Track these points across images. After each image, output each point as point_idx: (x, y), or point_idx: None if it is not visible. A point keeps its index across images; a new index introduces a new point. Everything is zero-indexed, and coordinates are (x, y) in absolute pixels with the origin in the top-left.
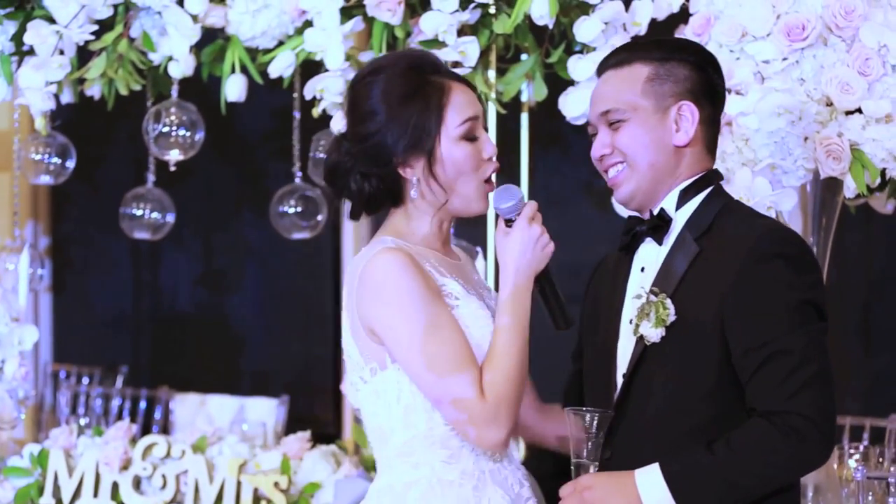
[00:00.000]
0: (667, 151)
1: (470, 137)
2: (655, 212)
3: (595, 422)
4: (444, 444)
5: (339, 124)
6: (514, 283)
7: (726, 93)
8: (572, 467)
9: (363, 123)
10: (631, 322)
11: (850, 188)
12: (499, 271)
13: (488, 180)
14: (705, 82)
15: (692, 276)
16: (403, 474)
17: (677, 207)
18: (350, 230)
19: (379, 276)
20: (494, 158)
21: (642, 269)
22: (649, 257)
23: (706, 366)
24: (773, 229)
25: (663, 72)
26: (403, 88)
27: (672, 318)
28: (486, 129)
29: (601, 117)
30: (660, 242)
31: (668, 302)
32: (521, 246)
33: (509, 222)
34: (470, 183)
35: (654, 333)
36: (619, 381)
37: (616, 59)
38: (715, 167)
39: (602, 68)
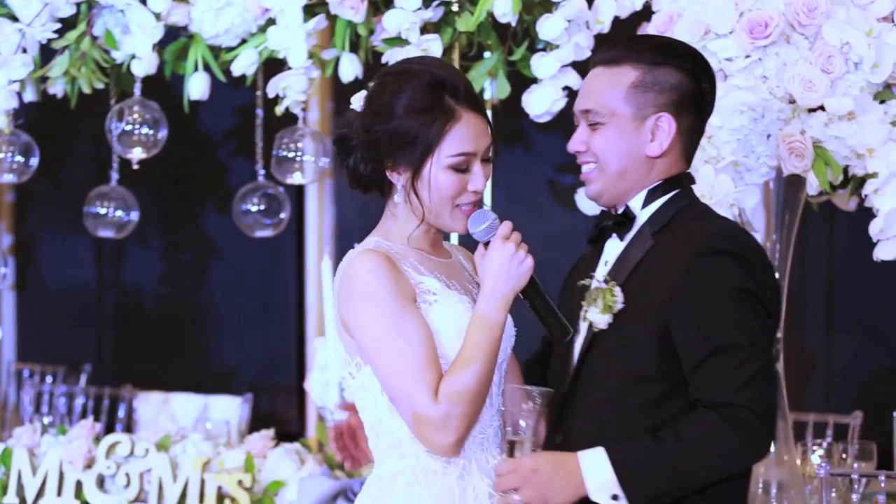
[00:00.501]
0: (639, 160)
1: (460, 169)
2: (621, 209)
3: (534, 399)
4: None
5: (357, 102)
6: (485, 306)
7: (714, 101)
8: (507, 444)
9: (372, 117)
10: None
11: (812, 185)
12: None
13: (467, 209)
14: (693, 91)
15: (644, 267)
16: (391, 465)
17: (643, 206)
18: (314, 228)
19: (354, 277)
20: (479, 192)
21: (605, 263)
22: (612, 251)
23: (649, 354)
24: (726, 229)
25: (650, 79)
26: (416, 102)
27: (620, 305)
28: (487, 160)
29: (582, 113)
30: (622, 238)
31: (617, 290)
32: (496, 266)
33: (487, 244)
34: (445, 208)
35: (600, 320)
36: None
37: (609, 56)
38: (688, 171)
39: (595, 60)
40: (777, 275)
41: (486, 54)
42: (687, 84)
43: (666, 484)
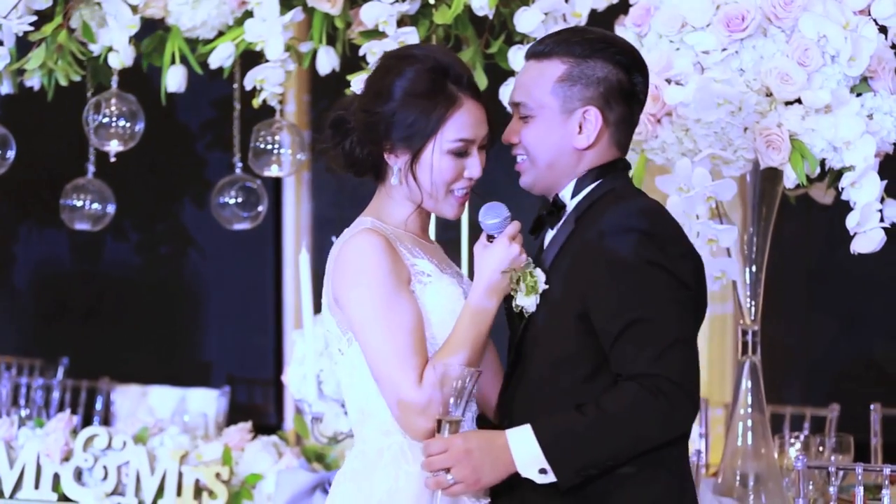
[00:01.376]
0: (567, 152)
1: (459, 154)
2: (551, 198)
3: (463, 380)
4: None
5: (357, 85)
6: (479, 298)
7: (647, 92)
8: (435, 422)
9: (372, 100)
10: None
11: (789, 178)
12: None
13: (461, 194)
14: (623, 83)
15: (565, 251)
16: (376, 441)
17: (573, 195)
18: (291, 221)
19: (351, 255)
20: (475, 178)
21: (542, 250)
22: (547, 239)
23: (572, 335)
24: (635, 207)
25: (577, 72)
26: (419, 86)
27: (542, 286)
28: (483, 148)
29: (513, 106)
30: (552, 226)
31: (537, 271)
32: (497, 262)
33: (491, 238)
34: (440, 192)
35: (528, 303)
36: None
37: (539, 49)
38: (623, 157)
39: (527, 54)
40: (754, 268)
41: (464, 47)
42: (616, 77)
43: (592, 456)
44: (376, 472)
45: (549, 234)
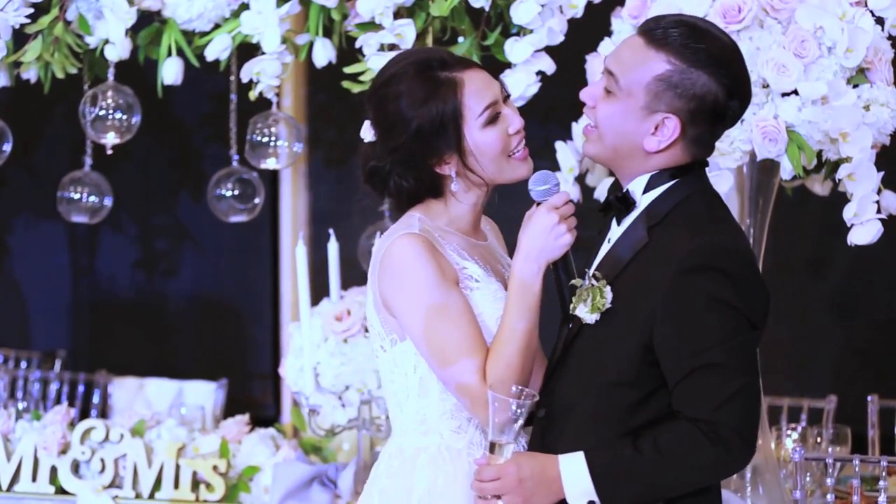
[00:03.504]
0: (634, 147)
1: (492, 121)
2: (622, 190)
3: (519, 404)
4: (454, 416)
5: (367, 134)
6: (520, 269)
7: (741, 116)
8: (488, 444)
9: (390, 135)
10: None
11: (786, 170)
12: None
13: (519, 152)
14: (717, 105)
15: (635, 266)
16: (414, 440)
17: (644, 191)
18: (288, 213)
19: (396, 260)
20: (520, 129)
21: (609, 240)
22: (613, 231)
23: (631, 360)
24: (712, 241)
25: (677, 79)
26: (418, 93)
27: (608, 305)
28: (507, 98)
29: (606, 72)
30: (619, 222)
31: (608, 290)
32: (535, 231)
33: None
34: (502, 163)
35: (588, 317)
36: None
37: (653, 35)
38: (697, 159)
39: (643, 29)
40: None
41: (460, 39)
42: (713, 97)
43: (641, 493)
44: (415, 472)
45: (615, 230)
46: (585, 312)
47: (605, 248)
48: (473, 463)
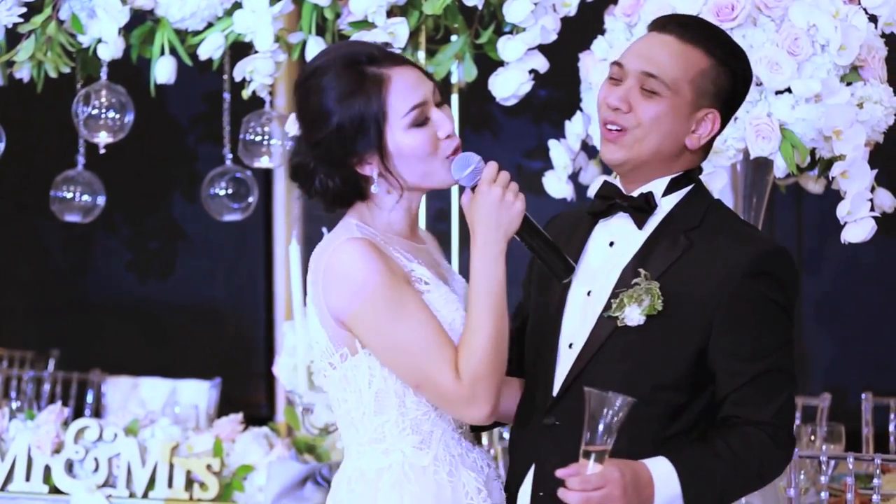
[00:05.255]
0: (676, 146)
1: (420, 122)
2: (636, 193)
3: (615, 407)
4: (416, 430)
5: (293, 127)
6: (481, 254)
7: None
8: (582, 452)
9: (311, 128)
10: (594, 297)
11: (780, 168)
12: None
13: (450, 152)
14: (738, 96)
15: (679, 269)
16: (374, 461)
17: (664, 194)
18: (282, 212)
19: (344, 267)
20: (451, 134)
21: (611, 244)
22: (622, 234)
23: (683, 365)
24: (771, 249)
25: (714, 74)
26: (342, 88)
27: (660, 308)
28: (441, 104)
29: (641, 75)
30: (640, 225)
31: (659, 291)
32: (484, 211)
33: (475, 189)
34: (430, 165)
35: (635, 319)
36: (562, 349)
37: (684, 32)
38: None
39: (667, 25)
40: None
41: (453, 38)
42: (735, 89)
43: (721, 498)
44: (379, 495)
45: (630, 231)
46: (637, 314)
47: (619, 249)
48: (559, 473)
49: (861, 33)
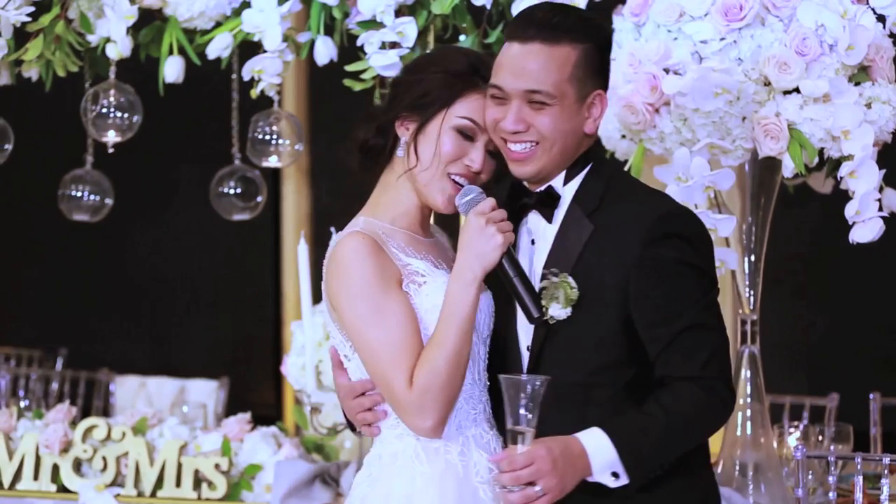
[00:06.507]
0: (577, 138)
1: (466, 135)
2: (542, 188)
3: (533, 387)
4: None
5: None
6: (455, 277)
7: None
8: (508, 434)
9: (403, 73)
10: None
11: (788, 168)
12: None
13: (455, 181)
14: (608, 59)
15: (588, 254)
16: (390, 445)
17: (564, 183)
18: (291, 211)
19: (340, 259)
20: (475, 168)
21: (532, 242)
22: (538, 231)
23: (618, 340)
24: (671, 211)
25: (585, 59)
26: (448, 65)
27: (577, 294)
28: (494, 155)
29: (524, 93)
30: (549, 219)
31: (572, 281)
32: (466, 237)
33: None
34: (438, 171)
35: (561, 313)
36: (523, 352)
37: (546, 35)
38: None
39: (528, 35)
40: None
41: (461, 37)
42: (604, 56)
43: (660, 456)
44: (393, 477)
45: (542, 226)
46: (559, 309)
47: (538, 247)
48: (490, 460)
49: (869, 33)
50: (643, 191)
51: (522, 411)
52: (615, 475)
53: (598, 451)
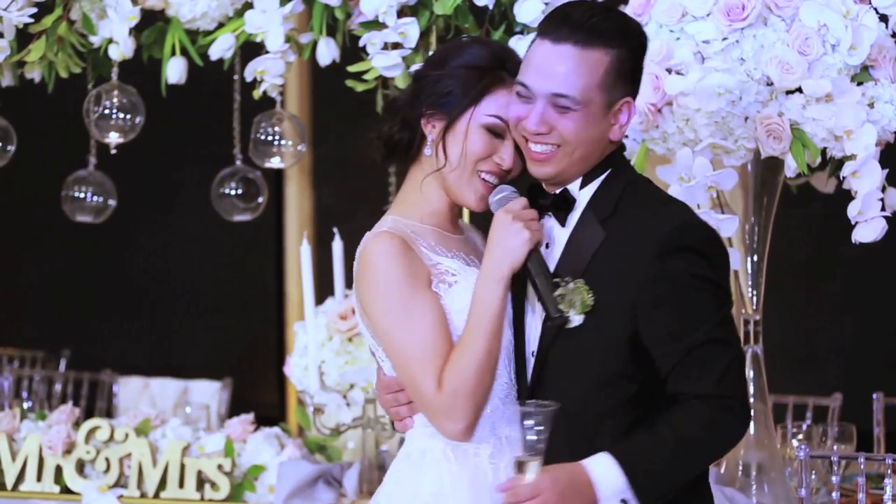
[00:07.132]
0: (601, 144)
1: (495, 132)
2: (558, 191)
3: (537, 416)
4: None
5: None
6: (484, 276)
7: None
8: (515, 463)
9: (426, 67)
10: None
11: (790, 167)
12: None
13: (485, 179)
14: (640, 67)
15: (599, 261)
16: (420, 443)
17: (580, 187)
18: (293, 212)
19: (368, 260)
20: (505, 167)
21: (546, 245)
22: (552, 234)
23: (623, 353)
24: (686, 223)
25: (617, 65)
26: (473, 60)
27: (592, 301)
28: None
29: (550, 95)
30: (563, 223)
31: (587, 288)
32: (495, 234)
33: None
34: (468, 169)
35: (576, 320)
36: (528, 357)
37: (579, 37)
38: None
39: (561, 35)
40: (756, 258)
41: (463, 38)
42: (637, 63)
43: (672, 480)
44: (421, 475)
45: (560, 232)
46: (574, 315)
47: (552, 251)
48: (497, 489)
49: (872, 33)
50: (660, 199)
51: (529, 438)
52: (624, 502)
53: (606, 479)
